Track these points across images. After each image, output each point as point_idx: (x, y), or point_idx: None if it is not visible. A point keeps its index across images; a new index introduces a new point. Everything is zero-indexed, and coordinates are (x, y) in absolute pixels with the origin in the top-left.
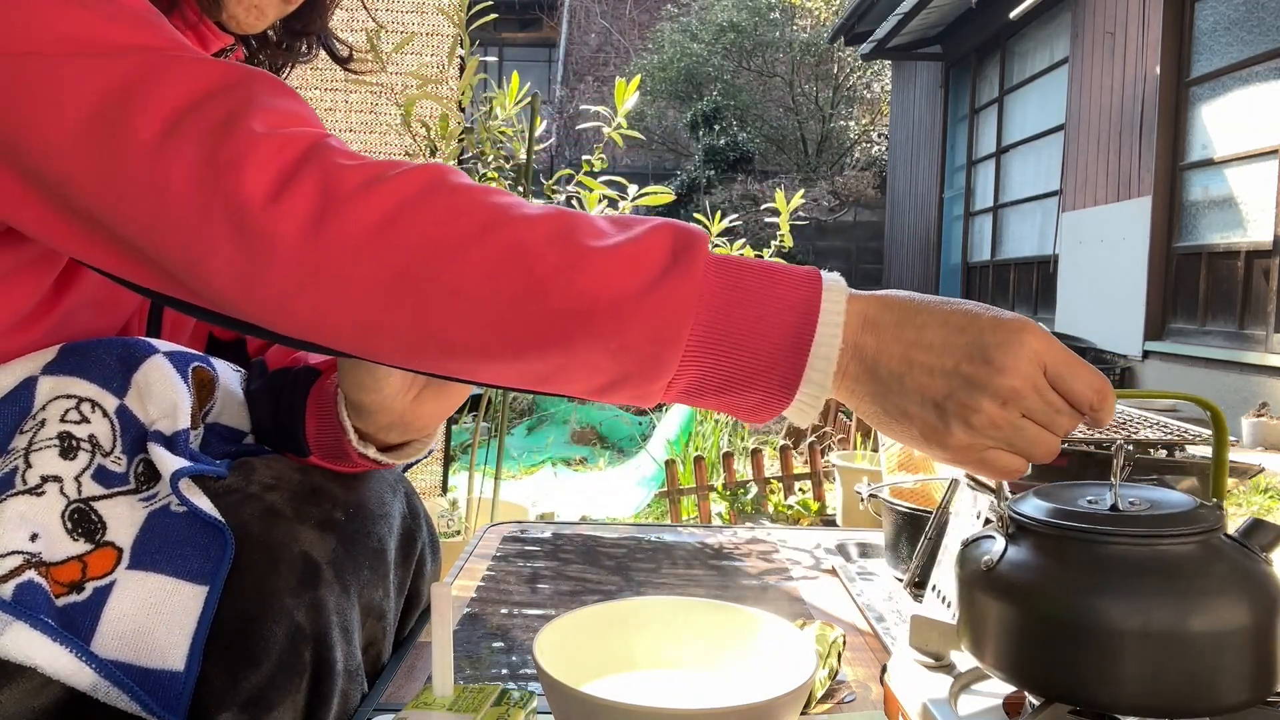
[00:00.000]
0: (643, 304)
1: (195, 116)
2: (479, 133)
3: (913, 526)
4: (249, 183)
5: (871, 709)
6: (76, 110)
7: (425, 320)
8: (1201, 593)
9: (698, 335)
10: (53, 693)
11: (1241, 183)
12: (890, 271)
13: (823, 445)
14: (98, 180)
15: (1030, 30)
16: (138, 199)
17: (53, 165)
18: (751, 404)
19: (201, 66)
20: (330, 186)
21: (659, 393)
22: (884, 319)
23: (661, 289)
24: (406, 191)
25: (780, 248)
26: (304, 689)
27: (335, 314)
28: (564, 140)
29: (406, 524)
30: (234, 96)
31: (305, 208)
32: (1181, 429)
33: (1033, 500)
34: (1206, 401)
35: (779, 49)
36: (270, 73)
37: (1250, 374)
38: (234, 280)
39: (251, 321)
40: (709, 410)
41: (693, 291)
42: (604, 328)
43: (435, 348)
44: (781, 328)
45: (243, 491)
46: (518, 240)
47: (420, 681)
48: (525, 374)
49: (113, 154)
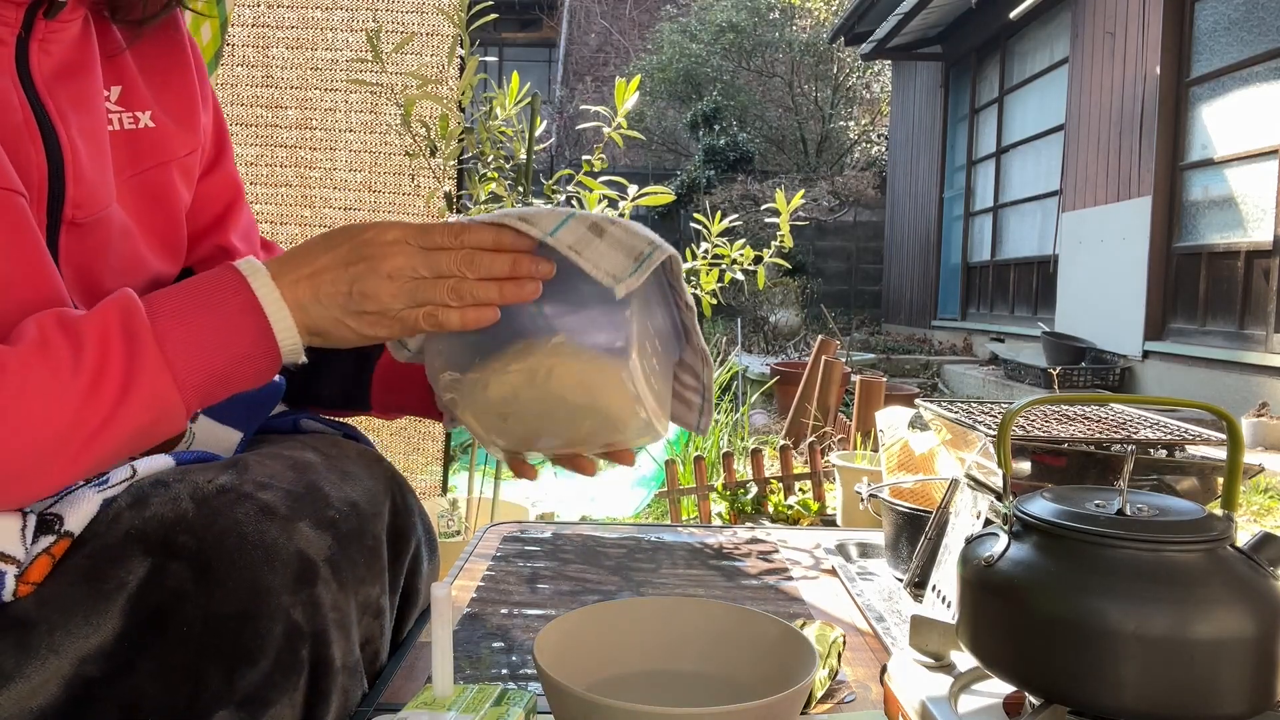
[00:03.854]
0: (125, 419)
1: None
2: (479, 133)
3: (913, 526)
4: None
5: (871, 709)
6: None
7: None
8: (1203, 602)
9: (192, 387)
10: (49, 693)
11: (1241, 183)
12: (890, 271)
13: (823, 445)
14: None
15: (1030, 30)
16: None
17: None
18: (253, 375)
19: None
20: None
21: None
22: (287, 264)
23: (136, 392)
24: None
25: (780, 248)
26: (302, 686)
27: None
28: (564, 140)
29: (397, 521)
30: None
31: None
32: (1182, 429)
33: (1039, 501)
34: (1222, 411)
35: (779, 49)
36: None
37: (1250, 374)
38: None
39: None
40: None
41: (160, 371)
42: (120, 447)
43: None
44: (245, 331)
45: (236, 491)
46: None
47: (420, 681)
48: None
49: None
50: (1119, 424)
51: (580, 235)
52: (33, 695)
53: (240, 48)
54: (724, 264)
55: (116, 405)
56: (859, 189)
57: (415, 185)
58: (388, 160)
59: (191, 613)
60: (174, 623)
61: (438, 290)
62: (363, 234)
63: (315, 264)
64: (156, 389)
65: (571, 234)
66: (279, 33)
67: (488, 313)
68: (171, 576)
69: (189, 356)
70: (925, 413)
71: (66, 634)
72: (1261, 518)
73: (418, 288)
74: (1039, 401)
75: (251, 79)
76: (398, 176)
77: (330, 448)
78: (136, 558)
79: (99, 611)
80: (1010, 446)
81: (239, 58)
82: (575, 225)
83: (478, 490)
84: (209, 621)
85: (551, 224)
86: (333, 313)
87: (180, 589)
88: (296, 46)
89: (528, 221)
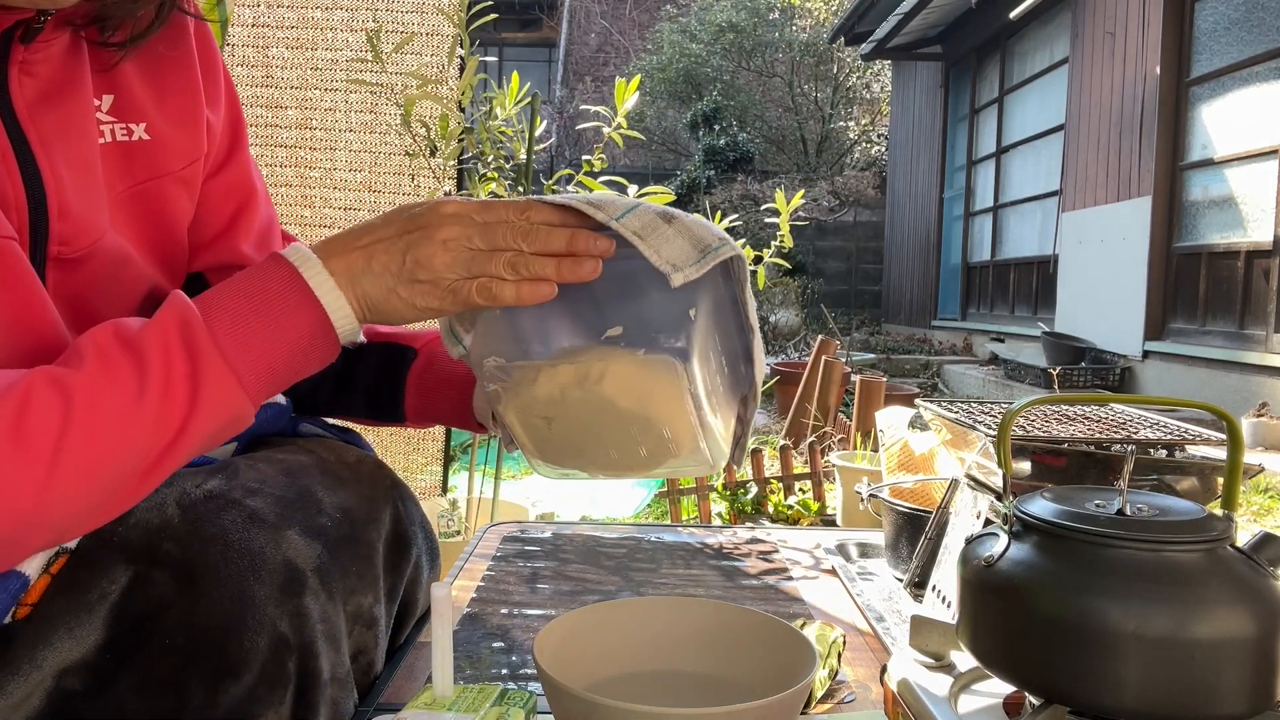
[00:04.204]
0: (195, 429)
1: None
2: (479, 133)
3: (913, 526)
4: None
5: (871, 709)
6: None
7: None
8: (1202, 602)
9: (257, 388)
10: (31, 707)
11: (1241, 183)
12: (890, 271)
13: (823, 445)
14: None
15: (1030, 30)
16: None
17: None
18: (316, 362)
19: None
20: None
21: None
22: (338, 240)
23: (204, 402)
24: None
25: (780, 248)
26: (289, 700)
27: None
28: (564, 140)
29: (399, 530)
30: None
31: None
32: (1181, 429)
33: (1039, 501)
34: (1222, 411)
35: (778, 49)
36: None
37: (1250, 374)
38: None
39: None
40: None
41: (224, 377)
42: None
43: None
44: (303, 324)
45: (224, 497)
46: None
47: (420, 681)
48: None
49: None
50: (1119, 424)
51: (647, 221)
52: (14, 711)
53: (240, 48)
54: None
55: (187, 418)
56: (859, 189)
57: (415, 185)
58: (388, 160)
59: (174, 623)
60: (157, 633)
61: (493, 262)
62: (421, 207)
63: (372, 236)
64: (224, 396)
65: (638, 220)
66: (279, 33)
67: (544, 288)
68: (155, 585)
69: (252, 359)
70: (925, 413)
71: (48, 647)
72: (1261, 518)
73: (473, 258)
74: (1039, 401)
75: (251, 79)
76: (398, 176)
77: (327, 452)
78: (119, 566)
79: (80, 623)
80: (1010, 446)
81: (239, 58)
82: (643, 212)
83: (478, 490)
84: (192, 633)
85: (619, 209)
86: (385, 281)
87: (164, 599)
88: (296, 46)
89: (594, 205)
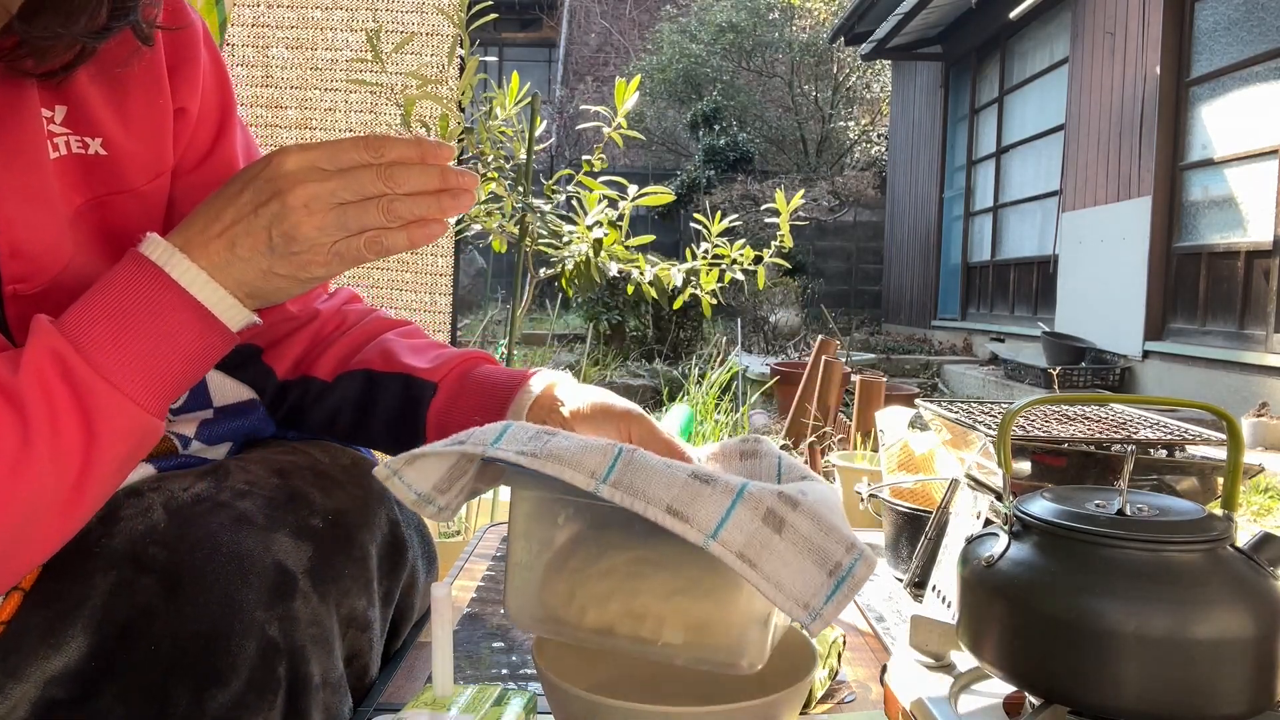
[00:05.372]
0: (102, 457)
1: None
2: (479, 133)
3: (913, 526)
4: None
5: (871, 709)
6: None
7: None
8: (1202, 602)
9: (156, 400)
10: (17, 717)
11: (1241, 183)
12: (890, 271)
13: (823, 445)
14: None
15: (1030, 30)
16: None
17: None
18: (213, 357)
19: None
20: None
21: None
22: (193, 229)
23: (103, 430)
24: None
25: (780, 248)
26: (279, 705)
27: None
28: (564, 140)
29: (394, 533)
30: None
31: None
32: (1182, 429)
33: (1040, 501)
34: (1222, 411)
35: (778, 49)
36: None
37: (1250, 374)
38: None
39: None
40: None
41: (115, 401)
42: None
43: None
44: (186, 326)
45: (213, 499)
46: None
47: (420, 681)
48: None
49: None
50: (1119, 424)
51: (752, 533)
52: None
53: (240, 48)
54: (724, 264)
55: (88, 450)
56: (859, 189)
57: None
58: None
59: (160, 630)
60: (142, 640)
61: (369, 213)
62: (260, 170)
63: (225, 218)
64: (121, 419)
65: (741, 531)
66: (279, 33)
67: (436, 228)
68: (141, 591)
69: (140, 375)
70: (925, 413)
71: (27, 659)
72: (1261, 518)
73: (344, 214)
74: (1039, 401)
75: (251, 79)
76: None
77: (322, 454)
78: (99, 573)
79: (56, 631)
80: (1010, 446)
81: (239, 58)
82: (745, 515)
83: None
84: (178, 639)
85: (714, 516)
86: (258, 264)
87: (149, 605)
88: (296, 46)
89: (680, 517)
